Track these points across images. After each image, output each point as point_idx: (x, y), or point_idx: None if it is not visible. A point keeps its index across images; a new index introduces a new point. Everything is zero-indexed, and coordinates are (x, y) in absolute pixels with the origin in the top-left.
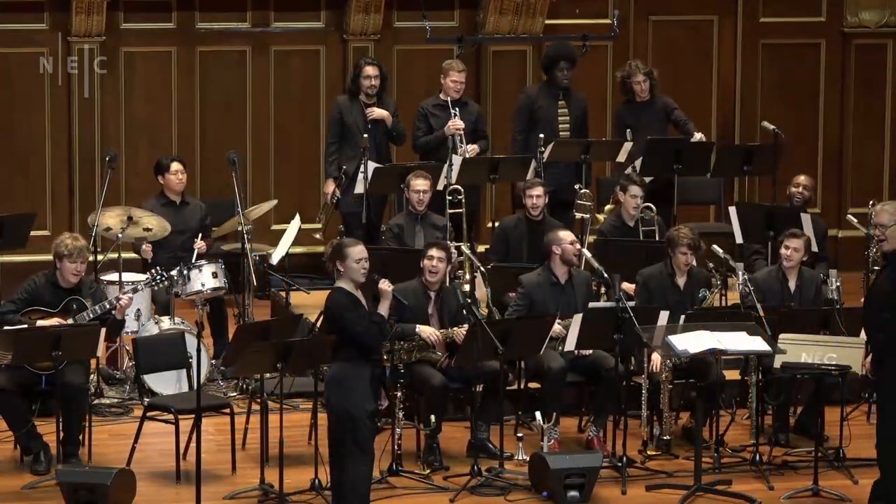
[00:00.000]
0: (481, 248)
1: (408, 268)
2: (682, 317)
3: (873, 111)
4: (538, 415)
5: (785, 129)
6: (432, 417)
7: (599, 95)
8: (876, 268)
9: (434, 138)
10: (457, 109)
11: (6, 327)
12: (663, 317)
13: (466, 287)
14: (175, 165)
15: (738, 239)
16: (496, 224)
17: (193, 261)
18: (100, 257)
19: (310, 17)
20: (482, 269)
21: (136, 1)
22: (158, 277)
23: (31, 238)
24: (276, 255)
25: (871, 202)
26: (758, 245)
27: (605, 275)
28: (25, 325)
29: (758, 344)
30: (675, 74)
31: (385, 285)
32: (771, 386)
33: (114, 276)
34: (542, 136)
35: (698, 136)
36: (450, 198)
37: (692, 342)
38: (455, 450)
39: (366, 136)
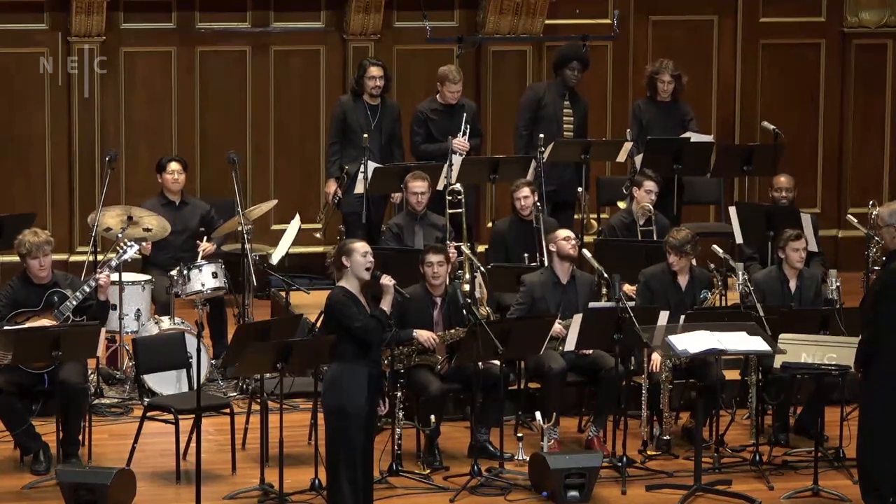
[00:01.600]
0: (481, 249)
1: (408, 268)
2: (682, 317)
3: (873, 111)
4: (538, 415)
5: (785, 129)
6: (432, 417)
7: (599, 95)
8: (876, 268)
9: (438, 149)
10: (468, 128)
11: (6, 327)
12: (663, 317)
13: (466, 287)
14: (172, 165)
15: (738, 239)
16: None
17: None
18: (100, 257)
19: (310, 17)
20: (482, 269)
21: (136, 1)
22: (128, 247)
23: None
24: (276, 255)
25: (871, 202)
26: (750, 251)
27: (606, 274)
28: (24, 326)
29: (758, 344)
30: None
31: (387, 280)
32: (771, 386)
33: (114, 277)
34: (542, 136)
35: (708, 138)
36: (449, 198)
37: (692, 342)
38: (455, 450)
39: (366, 135)
